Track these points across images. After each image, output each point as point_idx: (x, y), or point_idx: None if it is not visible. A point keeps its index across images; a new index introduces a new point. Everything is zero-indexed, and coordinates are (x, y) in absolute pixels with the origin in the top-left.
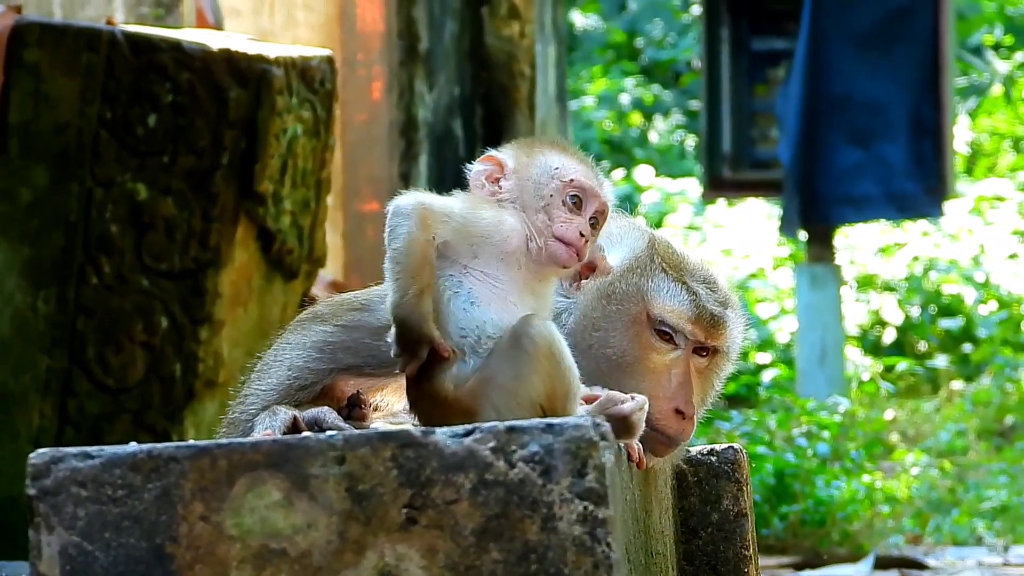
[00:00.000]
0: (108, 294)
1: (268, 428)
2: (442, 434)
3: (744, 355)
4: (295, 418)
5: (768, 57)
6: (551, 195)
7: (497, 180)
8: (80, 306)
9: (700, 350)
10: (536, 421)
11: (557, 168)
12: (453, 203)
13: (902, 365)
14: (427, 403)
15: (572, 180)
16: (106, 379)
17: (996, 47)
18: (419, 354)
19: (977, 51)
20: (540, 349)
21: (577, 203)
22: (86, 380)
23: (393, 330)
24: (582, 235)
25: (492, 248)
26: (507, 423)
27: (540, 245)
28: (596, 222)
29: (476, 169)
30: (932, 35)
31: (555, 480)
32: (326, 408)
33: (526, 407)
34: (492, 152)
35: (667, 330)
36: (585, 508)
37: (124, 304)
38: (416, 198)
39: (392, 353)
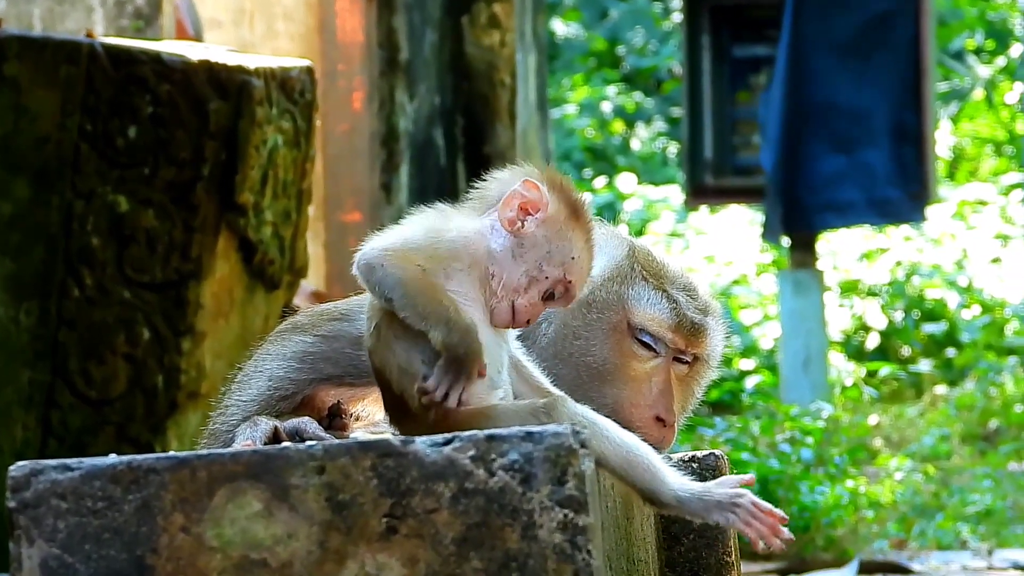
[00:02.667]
0: (90, 306)
1: (248, 439)
2: (422, 443)
3: (727, 361)
4: (276, 428)
5: (750, 64)
6: (546, 276)
7: (529, 215)
8: (62, 319)
9: (681, 358)
10: (516, 429)
11: (573, 259)
12: (413, 233)
13: (885, 370)
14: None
15: (570, 281)
16: (89, 391)
17: (977, 52)
18: (472, 373)
19: (958, 56)
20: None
21: (551, 297)
22: (69, 392)
23: (443, 360)
24: (529, 322)
25: (460, 267)
26: (487, 432)
27: (497, 294)
28: (552, 298)
29: (519, 190)
30: (913, 41)
31: (535, 488)
32: (307, 418)
33: None
34: (543, 188)
35: (648, 338)
36: (565, 516)
37: (106, 316)
38: (375, 246)
39: (435, 384)
